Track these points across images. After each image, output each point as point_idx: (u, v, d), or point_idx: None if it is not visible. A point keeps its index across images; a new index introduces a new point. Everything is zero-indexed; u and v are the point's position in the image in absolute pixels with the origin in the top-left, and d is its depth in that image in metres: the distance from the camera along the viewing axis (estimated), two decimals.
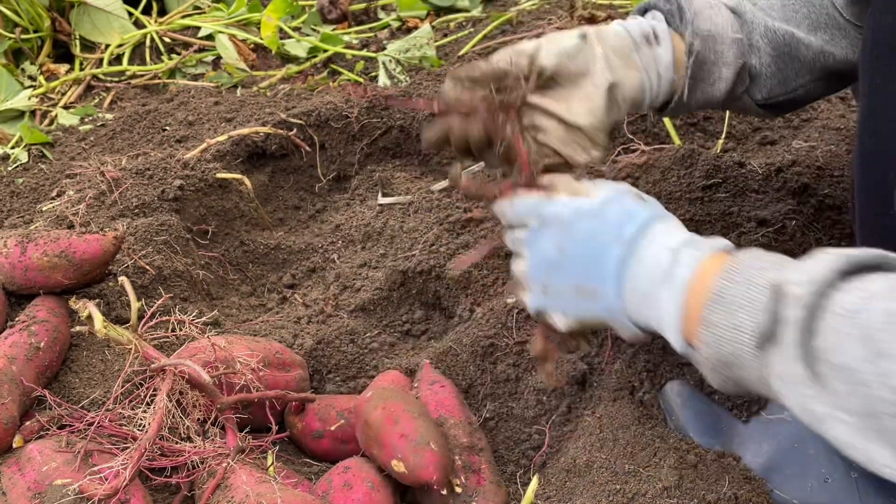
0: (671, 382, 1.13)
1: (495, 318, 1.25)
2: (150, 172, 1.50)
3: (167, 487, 1.02)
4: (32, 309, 1.17)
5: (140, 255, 1.31)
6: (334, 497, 0.98)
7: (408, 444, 0.97)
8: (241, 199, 1.57)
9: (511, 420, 1.17)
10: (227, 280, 1.48)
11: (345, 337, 1.30)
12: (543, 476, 1.08)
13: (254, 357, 1.10)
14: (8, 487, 0.95)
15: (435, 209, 1.47)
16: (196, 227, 1.49)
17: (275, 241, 1.55)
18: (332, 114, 1.69)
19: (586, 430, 1.09)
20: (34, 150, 1.77)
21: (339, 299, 1.39)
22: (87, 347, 1.19)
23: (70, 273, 1.17)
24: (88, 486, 0.89)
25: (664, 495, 0.95)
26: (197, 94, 1.92)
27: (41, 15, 2.13)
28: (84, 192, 1.44)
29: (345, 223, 1.56)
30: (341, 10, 2.21)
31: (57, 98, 2.02)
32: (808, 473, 0.98)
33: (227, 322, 1.35)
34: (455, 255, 1.37)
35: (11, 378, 1.04)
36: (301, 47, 2.07)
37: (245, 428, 1.06)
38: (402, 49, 1.93)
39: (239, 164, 1.62)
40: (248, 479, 0.94)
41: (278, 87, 1.95)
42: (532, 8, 2.14)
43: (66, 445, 0.99)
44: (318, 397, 1.16)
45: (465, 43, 2.03)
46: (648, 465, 0.99)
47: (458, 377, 1.20)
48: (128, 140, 1.75)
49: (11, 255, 1.18)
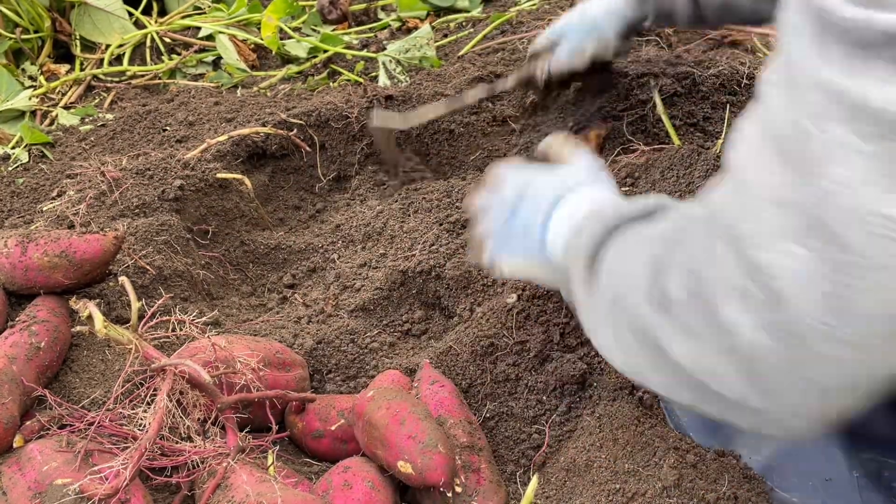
0: None
1: (495, 318, 1.25)
2: (150, 172, 1.50)
3: (167, 487, 1.02)
4: (33, 309, 1.17)
5: (140, 254, 1.31)
6: (334, 497, 0.98)
7: (416, 446, 0.96)
8: (242, 199, 1.57)
9: (511, 420, 1.18)
10: (227, 280, 1.48)
11: (345, 337, 1.30)
12: (543, 476, 1.08)
13: (254, 357, 1.10)
14: (8, 487, 0.95)
15: (435, 209, 1.47)
16: (196, 227, 1.49)
17: (275, 241, 1.55)
18: (332, 114, 1.69)
19: (586, 430, 1.09)
20: (34, 151, 1.77)
21: (340, 299, 1.40)
22: (88, 347, 1.19)
23: (70, 273, 1.17)
24: (89, 486, 0.89)
25: (664, 495, 0.95)
26: (197, 95, 1.92)
27: (41, 15, 2.13)
28: (84, 192, 1.44)
29: (345, 223, 1.56)
30: (341, 11, 2.21)
31: (57, 98, 2.02)
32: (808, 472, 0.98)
33: (227, 322, 1.35)
34: (455, 255, 1.37)
35: (12, 378, 1.04)
36: (301, 48, 2.07)
37: (245, 428, 1.06)
38: (402, 49, 1.94)
39: (239, 164, 1.62)
40: (248, 478, 0.94)
41: (278, 88, 1.95)
42: (532, 8, 2.14)
43: (67, 445, 0.99)
44: (318, 397, 1.16)
45: (465, 43, 2.03)
46: (648, 464, 0.99)
47: (458, 377, 1.21)
48: (128, 140, 1.75)
49: (12, 255, 1.18)
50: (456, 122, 1.70)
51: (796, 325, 0.60)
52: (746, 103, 1.65)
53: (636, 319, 0.73)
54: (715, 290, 0.65)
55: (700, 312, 0.66)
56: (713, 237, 0.66)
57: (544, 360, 1.21)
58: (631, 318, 0.74)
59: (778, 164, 0.61)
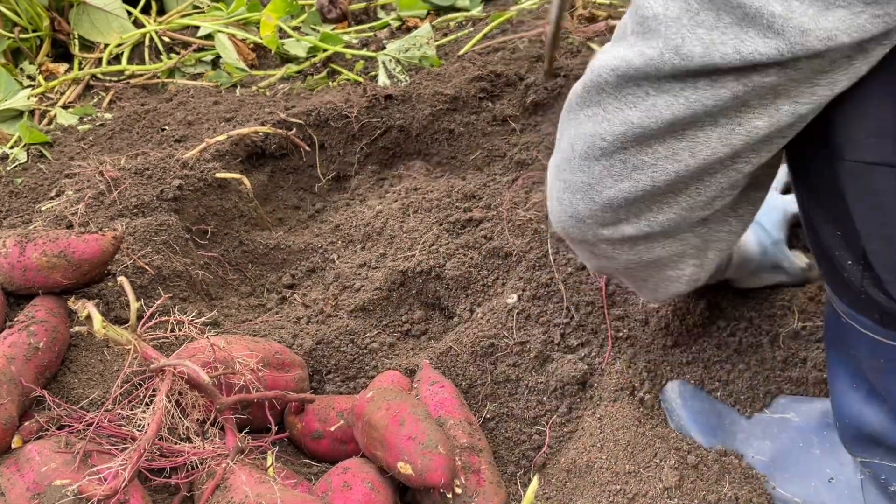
0: (671, 382, 1.13)
1: (495, 318, 1.24)
2: (149, 172, 1.49)
3: (166, 488, 1.02)
4: (31, 309, 1.17)
5: (139, 255, 1.31)
6: (333, 497, 0.97)
7: (416, 447, 0.96)
8: (241, 198, 1.57)
9: (511, 420, 1.17)
10: (226, 280, 1.48)
11: (344, 337, 1.30)
12: (543, 477, 1.08)
13: (253, 357, 1.10)
14: (7, 488, 0.95)
15: (435, 209, 1.47)
16: (195, 226, 1.48)
17: (274, 241, 1.55)
18: (331, 113, 1.69)
19: (586, 431, 1.09)
20: (33, 150, 1.77)
21: (339, 299, 1.39)
22: (87, 348, 1.19)
23: (69, 273, 1.17)
24: (88, 487, 0.89)
25: (665, 496, 0.95)
26: (196, 94, 1.92)
27: (40, 14, 2.12)
28: (83, 191, 1.44)
29: (344, 223, 1.55)
30: (341, 10, 2.20)
31: (56, 98, 2.02)
32: (812, 473, 0.98)
33: (226, 322, 1.35)
34: (455, 255, 1.36)
35: (10, 378, 1.04)
36: (301, 47, 2.07)
37: (244, 428, 1.06)
38: (402, 48, 1.93)
39: (238, 163, 1.62)
40: (247, 479, 0.94)
41: (278, 87, 1.94)
42: (532, 7, 2.14)
43: (66, 446, 0.99)
44: (317, 398, 1.15)
45: (465, 42, 2.03)
46: (649, 465, 0.99)
47: (458, 377, 1.20)
48: (127, 140, 1.75)
49: (10, 255, 1.17)
50: (456, 122, 1.70)
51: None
52: None
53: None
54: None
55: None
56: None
57: (545, 360, 1.20)
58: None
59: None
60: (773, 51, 0.67)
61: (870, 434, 0.89)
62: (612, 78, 0.75)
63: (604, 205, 0.82)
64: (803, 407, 1.07)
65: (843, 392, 0.92)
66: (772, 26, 0.66)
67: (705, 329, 1.18)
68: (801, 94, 0.71)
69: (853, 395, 0.90)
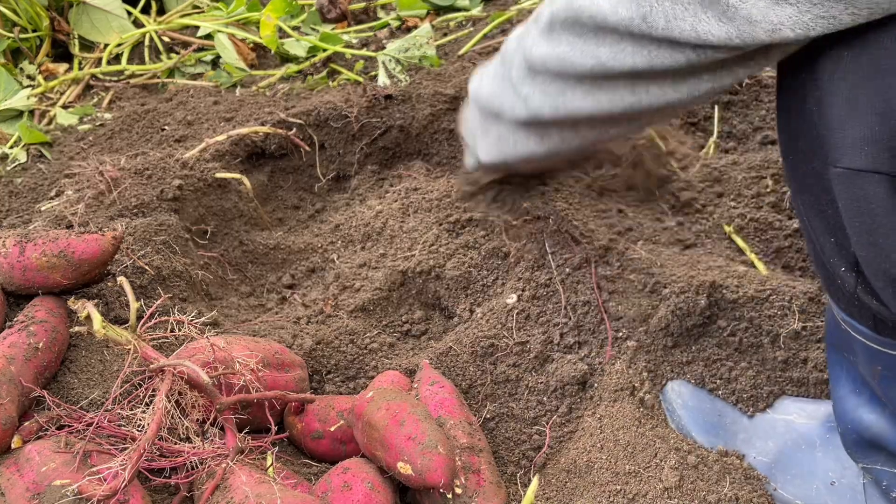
0: (672, 382, 1.13)
1: (495, 318, 1.24)
2: (148, 172, 1.49)
3: (166, 488, 1.02)
4: (31, 309, 1.17)
5: (139, 255, 1.31)
6: (333, 498, 0.97)
7: (415, 447, 0.96)
8: (241, 198, 1.57)
9: (511, 421, 1.17)
10: (226, 280, 1.47)
11: (344, 337, 1.30)
12: (544, 477, 1.08)
13: (253, 357, 1.10)
14: (7, 488, 0.94)
15: (435, 209, 1.47)
16: (195, 226, 1.48)
17: (274, 241, 1.55)
18: (331, 113, 1.69)
19: (587, 431, 1.09)
20: (33, 150, 1.77)
21: (339, 299, 1.39)
22: (86, 348, 1.19)
23: (69, 273, 1.17)
24: (87, 487, 0.89)
25: (665, 496, 0.94)
26: (196, 94, 1.92)
27: (40, 14, 2.12)
28: (83, 191, 1.44)
29: (344, 223, 1.55)
30: (341, 10, 2.20)
31: (55, 97, 2.02)
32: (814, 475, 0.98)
33: (226, 322, 1.35)
34: (455, 255, 1.36)
35: (10, 378, 1.04)
36: (300, 47, 2.07)
37: (244, 428, 1.06)
38: (402, 48, 1.93)
39: (238, 163, 1.62)
40: (247, 479, 0.94)
41: (277, 87, 1.94)
42: (532, 7, 2.14)
43: (65, 446, 0.98)
44: (317, 398, 1.15)
45: (464, 42, 2.03)
46: (649, 465, 0.99)
47: (458, 377, 1.20)
48: (126, 140, 1.75)
49: (10, 255, 1.17)
50: (456, 122, 1.70)
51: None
52: (746, 102, 1.65)
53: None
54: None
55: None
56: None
57: (545, 360, 1.20)
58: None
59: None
60: (724, 35, 0.74)
61: (871, 439, 0.90)
62: (590, 23, 0.84)
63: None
64: (807, 408, 1.07)
65: (845, 397, 0.92)
66: (726, 12, 0.72)
67: (705, 329, 1.18)
68: (746, 69, 0.81)
69: (854, 400, 0.90)
